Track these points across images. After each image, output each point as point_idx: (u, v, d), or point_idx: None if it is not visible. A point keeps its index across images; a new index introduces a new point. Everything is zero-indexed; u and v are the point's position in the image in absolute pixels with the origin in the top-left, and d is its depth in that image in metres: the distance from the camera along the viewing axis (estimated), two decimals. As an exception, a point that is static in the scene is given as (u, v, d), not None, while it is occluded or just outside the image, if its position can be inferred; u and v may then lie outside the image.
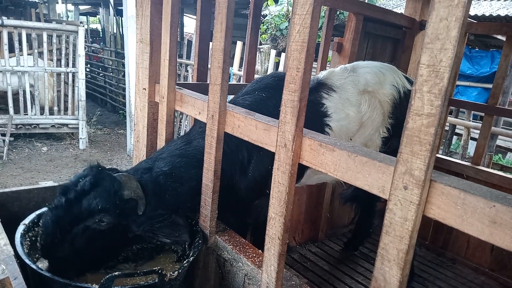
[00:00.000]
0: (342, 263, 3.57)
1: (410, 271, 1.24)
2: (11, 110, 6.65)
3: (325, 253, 3.71)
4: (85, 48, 7.75)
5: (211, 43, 2.58)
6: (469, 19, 3.69)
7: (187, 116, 6.91)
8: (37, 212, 2.06)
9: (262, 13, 4.61)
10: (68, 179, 1.90)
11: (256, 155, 2.17)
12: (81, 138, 7.31)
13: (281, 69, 6.39)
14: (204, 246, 2.11)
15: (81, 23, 7.18)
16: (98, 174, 1.82)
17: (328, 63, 3.95)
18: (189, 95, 2.23)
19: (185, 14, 17.40)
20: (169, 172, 2.03)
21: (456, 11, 1.00)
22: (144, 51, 2.47)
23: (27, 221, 1.98)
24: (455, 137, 8.70)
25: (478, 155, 3.69)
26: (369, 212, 3.58)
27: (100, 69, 12.05)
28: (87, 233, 1.78)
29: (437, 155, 4.08)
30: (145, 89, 2.53)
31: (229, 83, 2.01)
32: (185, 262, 1.89)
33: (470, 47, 12.13)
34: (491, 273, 3.55)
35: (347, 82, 2.55)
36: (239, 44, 7.10)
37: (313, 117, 2.20)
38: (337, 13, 9.16)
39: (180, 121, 7.47)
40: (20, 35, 6.48)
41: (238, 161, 2.18)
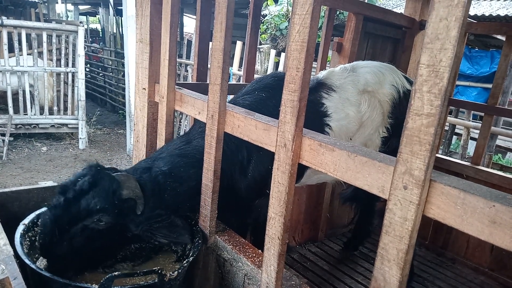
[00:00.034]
0: (342, 263, 3.57)
1: (410, 271, 1.24)
2: (11, 110, 6.64)
3: (325, 253, 3.71)
4: (85, 48, 7.75)
5: (211, 43, 2.58)
6: (469, 19, 3.69)
7: (186, 116, 6.91)
8: (37, 212, 2.06)
9: (262, 13, 4.61)
10: (67, 178, 1.89)
11: (256, 155, 2.17)
12: (80, 138, 7.31)
13: (280, 69, 6.39)
14: (204, 246, 2.11)
15: (80, 23, 7.18)
16: (96, 173, 1.82)
17: (328, 63, 3.95)
18: (188, 95, 2.23)
19: (185, 14, 17.39)
20: (168, 171, 2.03)
21: (456, 11, 1.00)
22: (143, 51, 2.47)
23: (26, 221, 1.98)
24: (454, 137, 8.70)
25: (477, 155, 3.70)
26: (369, 212, 3.58)
27: (99, 69, 12.04)
28: (86, 233, 1.78)
29: (437, 155, 4.08)
30: (144, 89, 2.53)
31: (229, 83, 2.00)
32: (184, 262, 1.89)
33: (470, 47, 12.14)
34: (491, 273, 3.55)
35: (347, 82, 2.55)
36: (239, 44, 7.10)
37: (313, 117, 2.20)
38: (337, 13, 9.16)
39: (180, 121, 7.47)
40: (19, 35, 6.48)
41: (238, 161, 2.18)
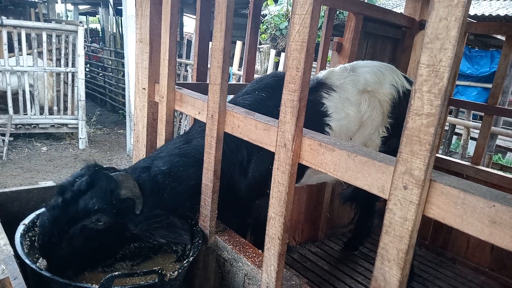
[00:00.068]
0: (342, 263, 3.57)
1: (410, 271, 1.24)
2: (11, 110, 6.64)
3: (325, 253, 3.71)
4: (85, 48, 7.75)
5: (210, 43, 2.58)
6: (468, 19, 3.69)
7: (186, 116, 6.91)
8: (37, 212, 2.06)
9: (261, 13, 4.61)
10: (65, 179, 1.89)
11: (256, 155, 2.17)
12: (80, 138, 7.31)
13: (280, 69, 6.39)
14: (204, 246, 2.11)
15: (80, 23, 7.18)
16: (94, 173, 1.81)
17: (327, 62, 3.95)
18: (188, 95, 2.23)
19: (184, 14, 17.39)
20: (167, 171, 2.02)
21: (455, 11, 1.00)
22: (143, 51, 2.47)
23: (26, 221, 1.98)
24: (454, 137, 8.70)
25: (478, 155, 3.70)
26: (369, 211, 3.58)
27: (99, 69, 12.04)
28: (85, 233, 1.78)
29: (437, 155, 4.08)
30: (144, 89, 2.53)
31: (229, 83, 2.00)
32: (185, 262, 1.89)
33: (469, 46, 12.14)
34: (491, 272, 3.55)
35: (347, 81, 2.55)
36: (239, 44, 7.10)
37: (313, 117, 2.20)
38: (337, 12, 9.16)
39: (179, 121, 7.47)
40: (19, 35, 6.48)
41: (237, 161, 2.18)
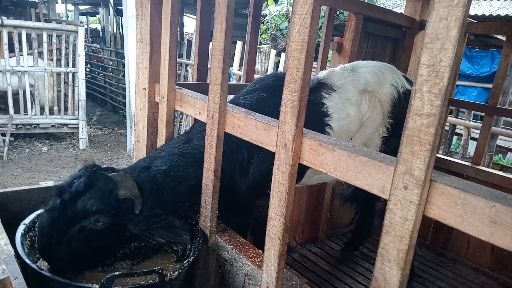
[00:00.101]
0: (342, 263, 3.57)
1: (410, 271, 1.24)
2: (11, 110, 6.65)
3: (325, 253, 3.71)
4: (85, 48, 7.74)
5: (211, 43, 2.58)
6: (469, 19, 3.69)
7: (187, 116, 6.91)
8: (37, 212, 2.06)
9: (262, 13, 4.61)
10: (63, 180, 1.89)
11: (256, 155, 2.17)
12: (81, 138, 7.32)
13: (281, 69, 6.39)
14: (204, 246, 2.11)
15: (81, 23, 7.18)
16: (92, 174, 1.80)
17: (328, 63, 3.95)
18: (189, 95, 2.23)
19: (185, 14, 17.40)
20: (167, 171, 2.02)
21: (456, 11, 1.00)
22: (144, 51, 2.47)
23: (27, 221, 1.98)
24: (455, 137, 8.70)
25: (478, 155, 3.69)
26: (369, 212, 3.58)
27: (100, 69, 12.05)
28: (84, 234, 1.78)
29: (437, 155, 4.08)
30: (145, 89, 2.53)
31: (229, 83, 2.00)
32: (185, 262, 1.89)
33: (470, 47, 12.13)
34: (491, 273, 3.55)
35: (347, 81, 2.55)
36: (239, 44, 7.10)
37: (313, 117, 2.20)
38: (337, 13, 9.16)
39: (180, 121, 7.47)
40: (20, 35, 6.48)
41: (238, 161, 2.18)
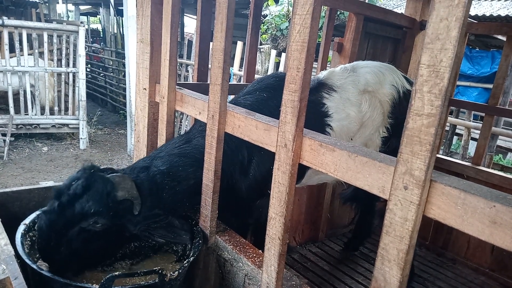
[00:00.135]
0: (342, 263, 3.57)
1: (410, 271, 1.24)
2: (12, 110, 6.65)
3: (325, 253, 3.71)
4: (86, 48, 7.75)
5: (211, 43, 2.58)
6: (469, 19, 3.69)
7: (187, 116, 6.91)
8: (38, 212, 2.06)
9: (262, 13, 4.61)
10: (61, 182, 1.88)
11: (257, 155, 2.17)
12: (81, 138, 7.32)
13: (281, 69, 6.39)
14: (204, 246, 2.11)
15: (81, 23, 7.19)
16: (90, 176, 1.80)
17: (328, 63, 3.95)
18: (189, 95, 2.23)
19: (185, 14, 17.41)
20: (166, 171, 2.02)
21: (456, 11, 1.00)
22: (144, 51, 2.47)
23: (27, 221, 1.98)
24: (455, 137, 8.70)
25: (478, 155, 3.69)
26: (369, 212, 3.58)
27: (100, 69, 12.06)
28: (83, 235, 1.78)
29: (438, 155, 4.08)
30: (145, 89, 2.53)
31: (230, 83, 2.00)
32: (185, 262, 1.89)
33: (470, 47, 12.13)
34: (491, 273, 3.55)
35: (348, 82, 2.55)
36: (240, 44, 7.10)
37: (314, 117, 2.20)
38: (338, 13, 9.15)
39: (180, 121, 7.48)
40: (20, 35, 6.49)
41: (238, 161, 2.18)
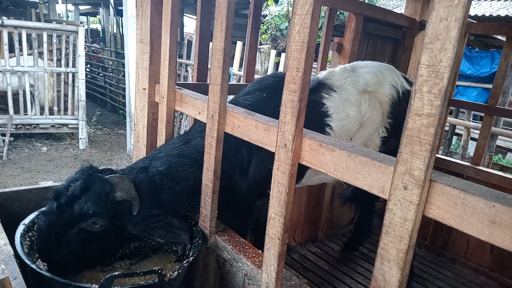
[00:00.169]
0: (342, 263, 3.57)
1: (409, 271, 1.24)
2: (11, 110, 6.64)
3: (325, 253, 3.71)
4: (85, 48, 7.75)
5: (211, 43, 2.58)
6: (469, 19, 3.69)
7: (187, 116, 6.91)
8: (37, 212, 2.06)
9: (262, 13, 4.61)
10: (60, 183, 1.88)
11: (256, 155, 2.17)
12: (81, 138, 7.31)
13: (281, 69, 6.39)
14: (204, 246, 2.11)
15: (81, 23, 7.18)
16: (88, 177, 1.80)
17: (328, 63, 3.95)
18: (189, 95, 2.23)
19: (185, 14, 17.40)
20: (165, 171, 2.02)
21: (456, 11, 1.00)
22: (144, 51, 2.47)
23: (27, 221, 1.98)
24: (455, 137, 8.70)
25: (478, 155, 3.70)
26: (369, 212, 3.58)
27: (100, 69, 12.05)
28: (82, 236, 1.78)
29: (437, 155, 4.08)
30: (145, 89, 2.53)
31: (229, 83, 2.01)
32: (184, 262, 1.89)
33: (470, 47, 12.13)
34: (491, 273, 3.55)
35: (347, 82, 2.55)
36: (239, 44, 7.10)
37: (313, 117, 2.20)
38: (337, 13, 9.16)
39: (180, 121, 7.47)
40: (20, 35, 6.48)
41: (237, 161, 2.18)
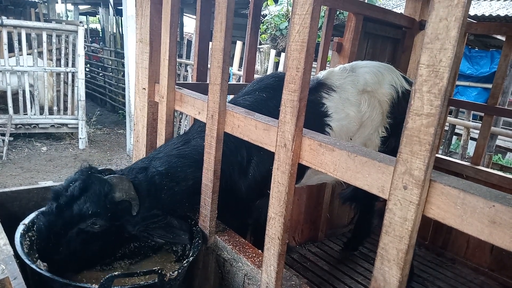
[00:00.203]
0: (341, 263, 3.57)
1: (409, 271, 1.24)
2: (11, 110, 6.64)
3: (324, 253, 3.71)
4: (85, 48, 7.75)
5: (211, 43, 2.58)
6: (468, 19, 3.69)
7: (186, 116, 6.91)
8: (37, 212, 2.06)
9: (262, 13, 4.61)
10: (62, 180, 1.88)
11: (256, 155, 2.17)
12: (80, 138, 7.31)
13: (280, 69, 6.39)
14: (203, 246, 2.11)
15: (80, 23, 7.18)
16: (87, 178, 1.80)
17: (327, 63, 3.95)
18: (188, 95, 2.23)
19: (185, 14, 17.39)
20: (165, 172, 2.02)
21: (455, 11, 1.00)
22: (143, 51, 2.47)
23: (26, 221, 1.98)
24: (454, 137, 8.70)
25: (477, 155, 3.70)
26: (368, 211, 3.58)
27: (99, 69, 12.04)
28: (82, 236, 1.78)
29: (437, 155, 4.08)
30: (144, 89, 2.53)
31: (229, 83, 2.00)
32: (184, 262, 1.89)
33: (469, 47, 12.14)
34: (491, 273, 3.55)
35: (347, 82, 2.55)
36: (239, 44, 7.10)
37: (313, 117, 2.20)
38: (337, 13, 9.16)
39: (179, 121, 7.47)
40: (19, 35, 6.48)
41: (237, 162, 2.17)
